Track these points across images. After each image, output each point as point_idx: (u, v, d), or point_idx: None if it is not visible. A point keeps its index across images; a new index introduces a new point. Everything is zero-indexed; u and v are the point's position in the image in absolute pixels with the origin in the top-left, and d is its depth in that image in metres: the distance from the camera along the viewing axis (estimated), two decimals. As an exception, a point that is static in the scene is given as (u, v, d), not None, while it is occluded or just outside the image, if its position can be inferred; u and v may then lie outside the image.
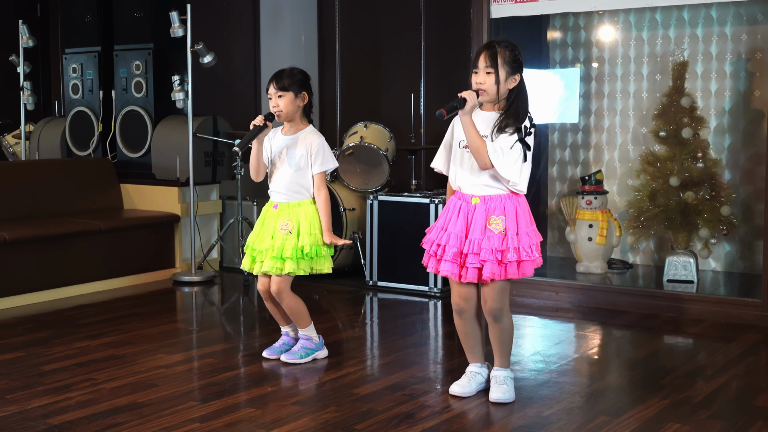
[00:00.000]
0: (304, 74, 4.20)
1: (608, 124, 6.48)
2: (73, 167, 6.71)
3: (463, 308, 3.70)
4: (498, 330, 3.68)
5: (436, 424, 3.43)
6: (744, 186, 5.95)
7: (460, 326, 3.76)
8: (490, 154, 3.47)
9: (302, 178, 4.16)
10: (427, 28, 6.88)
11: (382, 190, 6.28)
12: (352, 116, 7.03)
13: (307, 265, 4.14)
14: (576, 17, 6.48)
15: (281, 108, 4.12)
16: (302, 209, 4.15)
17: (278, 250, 4.09)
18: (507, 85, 3.57)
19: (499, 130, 3.52)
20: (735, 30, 5.94)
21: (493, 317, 3.64)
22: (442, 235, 3.62)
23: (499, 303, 3.61)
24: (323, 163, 4.16)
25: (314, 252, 4.12)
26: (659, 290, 5.48)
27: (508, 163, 3.50)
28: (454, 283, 3.67)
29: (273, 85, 4.13)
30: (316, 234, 4.13)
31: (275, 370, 4.18)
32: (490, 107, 3.61)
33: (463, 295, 3.68)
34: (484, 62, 3.55)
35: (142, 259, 6.34)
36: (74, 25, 7.28)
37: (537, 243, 3.61)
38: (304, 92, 4.17)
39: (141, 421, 3.45)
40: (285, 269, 4.10)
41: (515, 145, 3.50)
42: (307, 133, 4.19)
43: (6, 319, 5.24)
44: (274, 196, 4.21)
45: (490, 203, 3.57)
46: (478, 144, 3.49)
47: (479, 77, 3.56)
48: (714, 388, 3.88)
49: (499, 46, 3.56)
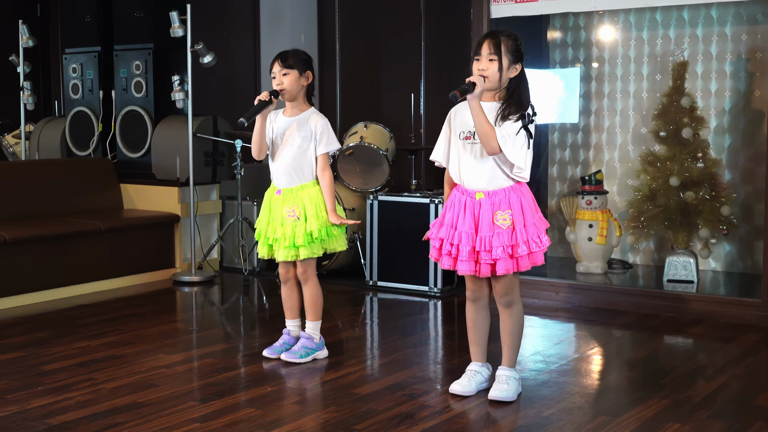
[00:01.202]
0: (307, 56, 4.24)
1: (608, 124, 6.48)
2: (73, 167, 6.71)
3: (478, 296, 3.76)
4: (510, 318, 3.71)
5: (436, 424, 3.43)
6: (744, 186, 5.95)
7: (472, 314, 3.78)
8: (498, 139, 3.48)
9: (304, 160, 4.16)
10: (427, 28, 6.89)
11: (382, 190, 6.28)
12: (352, 116, 7.03)
13: (320, 247, 4.20)
14: (576, 17, 6.49)
15: (285, 86, 4.13)
16: (306, 193, 4.16)
17: (290, 239, 4.13)
18: (508, 74, 3.57)
19: (502, 118, 3.53)
20: (735, 30, 5.94)
21: (505, 304, 3.69)
22: (453, 233, 3.63)
23: (511, 291, 3.69)
24: (328, 143, 4.18)
25: (324, 234, 4.16)
26: (659, 290, 5.49)
27: (516, 148, 3.51)
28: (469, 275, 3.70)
29: (278, 63, 4.16)
30: (323, 216, 4.16)
31: (275, 370, 4.18)
32: (489, 97, 3.60)
33: (478, 284, 3.74)
34: (487, 49, 3.55)
35: (142, 259, 6.33)
36: (74, 25, 7.28)
37: (544, 230, 3.64)
38: (308, 72, 4.19)
39: (141, 421, 3.45)
40: (300, 256, 4.15)
41: (520, 132, 3.51)
42: (311, 114, 4.21)
43: (6, 319, 5.24)
44: (276, 180, 4.22)
45: (495, 198, 3.57)
46: (486, 129, 3.49)
47: (482, 64, 3.56)
48: (714, 388, 3.88)
49: (502, 35, 3.58)
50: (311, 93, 4.27)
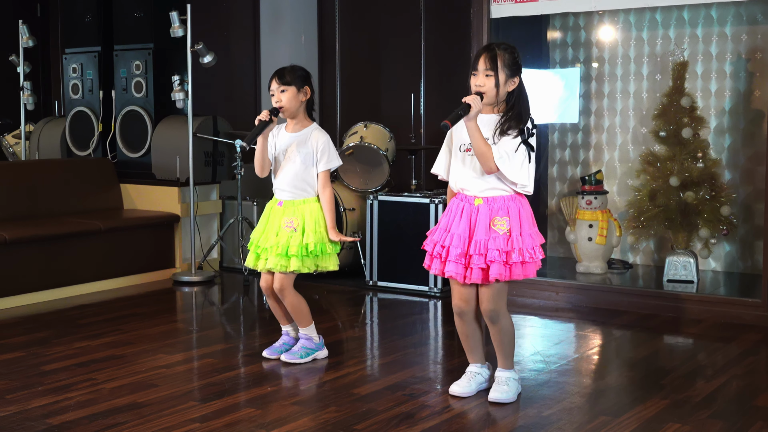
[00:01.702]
0: (305, 71, 4.23)
1: (608, 124, 6.48)
2: (73, 167, 6.71)
3: (464, 310, 3.69)
4: (497, 331, 3.67)
5: (436, 424, 3.43)
6: (744, 186, 5.95)
7: (461, 328, 3.76)
8: (496, 160, 3.47)
9: (307, 176, 4.16)
10: (427, 28, 6.88)
11: (382, 190, 6.28)
12: (352, 116, 7.03)
13: (312, 263, 4.16)
14: (576, 17, 6.48)
15: (284, 103, 4.12)
16: (307, 207, 4.15)
17: (283, 248, 4.10)
18: (506, 88, 3.56)
19: (501, 133, 3.52)
20: (735, 30, 5.94)
21: (490, 319, 3.64)
22: (446, 236, 3.62)
23: (496, 305, 3.61)
24: (329, 161, 4.17)
25: (319, 249, 4.13)
26: (659, 290, 5.49)
27: (515, 167, 3.49)
28: (456, 284, 3.66)
29: (275, 80, 4.15)
30: (321, 231, 4.14)
31: (275, 370, 4.18)
32: (488, 110, 3.61)
33: (464, 296, 3.67)
34: (483, 65, 3.54)
35: (142, 259, 6.33)
36: (74, 25, 7.28)
37: (539, 245, 3.62)
38: (307, 87, 4.18)
39: (141, 421, 3.45)
40: (290, 267, 4.11)
41: (519, 148, 3.50)
42: (313, 131, 4.20)
43: (6, 319, 5.24)
44: (279, 194, 4.22)
45: (494, 204, 3.57)
46: (483, 149, 3.48)
47: (479, 80, 3.55)
48: (714, 388, 3.88)
49: (498, 49, 3.55)
50: (312, 108, 4.26)
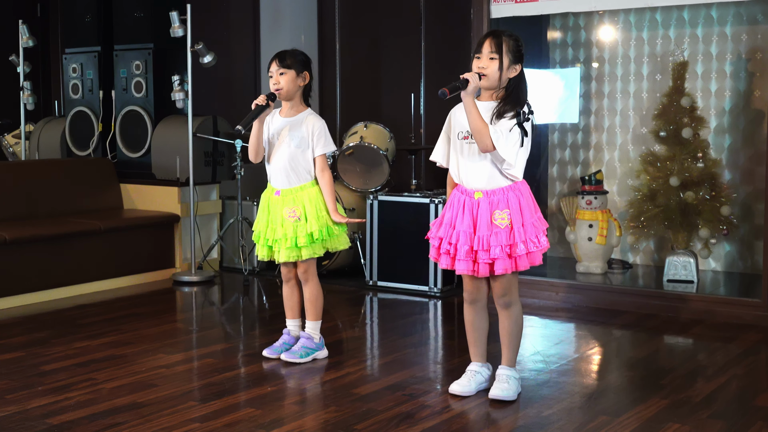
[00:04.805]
0: (305, 56, 4.23)
1: (608, 124, 6.48)
2: (73, 167, 6.71)
3: (476, 297, 3.75)
4: (508, 319, 3.70)
5: (436, 424, 3.43)
6: (744, 186, 5.95)
7: (470, 316, 3.78)
8: (491, 135, 3.48)
9: (302, 160, 4.16)
10: (427, 28, 6.89)
11: (382, 190, 6.28)
12: (352, 116, 7.03)
13: (321, 247, 4.19)
14: (576, 17, 6.48)
15: (282, 85, 4.12)
16: (305, 193, 4.16)
17: (292, 240, 4.13)
18: (508, 74, 3.57)
19: (498, 116, 3.53)
20: (735, 30, 5.94)
21: (503, 305, 3.69)
22: (452, 233, 3.63)
23: (508, 291, 3.67)
24: (325, 145, 4.17)
25: (326, 234, 4.16)
26: (659, 290, 5.48)
27: (507, 144, 3.50)
28: (467, 275, 3.69)
29: (276, 62, 4.15)
30: (323, 216, 4.16)
31: (275, 370, 4.18)
32: (487, 96, 3.61)
33: (475, 285, 3.73)
34: (488, 48, 3.55)
35: (142, 259, 6.33)
36: (74, 25, 7.28)
37: (543, 230, 3.63)
38: (306, 72, 4.19)
39: (141, 421, 3.45)
40: (303, 256, 4.15)
41: (514, 128, 3.51)
42: (308, 115, 4.20)
43: (6, 319, 5.24)
44: (274, 181, 4.21)
45: (493, 197, 3.57)
46: (480, 126, 3.49)
47: (482, 62, 3.56)
48: (714, 388, 3.88)
49: (504, 35, 3.58)
50: (308, 94, 4.26)
